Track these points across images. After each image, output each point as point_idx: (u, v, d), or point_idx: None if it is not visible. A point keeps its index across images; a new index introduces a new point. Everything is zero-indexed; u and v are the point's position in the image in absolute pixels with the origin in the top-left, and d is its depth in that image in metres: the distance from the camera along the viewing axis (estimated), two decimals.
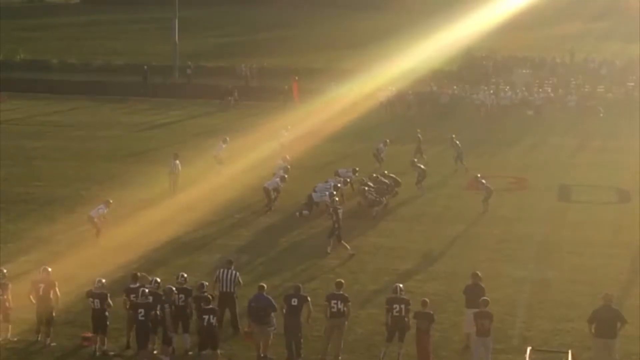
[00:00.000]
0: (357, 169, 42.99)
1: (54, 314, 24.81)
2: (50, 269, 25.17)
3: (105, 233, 33.62)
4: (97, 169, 47.49)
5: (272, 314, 23.64)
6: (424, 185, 42.70)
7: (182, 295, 24.26)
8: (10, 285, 25.17)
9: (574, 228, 37.21)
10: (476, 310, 23.27)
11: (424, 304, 23.58)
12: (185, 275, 25.11)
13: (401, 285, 24.19)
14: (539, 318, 27.20)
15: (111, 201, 34.60)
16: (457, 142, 47.72)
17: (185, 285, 24.53)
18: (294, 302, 23.53)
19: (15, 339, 24.92)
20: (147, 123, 58.48)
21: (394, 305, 23.61)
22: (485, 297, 23.50)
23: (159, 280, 24.77)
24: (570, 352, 23.07)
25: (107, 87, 77.47)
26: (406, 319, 23.61)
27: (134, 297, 24.19)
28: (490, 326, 22.95)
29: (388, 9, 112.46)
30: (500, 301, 27.88)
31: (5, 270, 25.58)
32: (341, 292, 23.88)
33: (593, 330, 22.88)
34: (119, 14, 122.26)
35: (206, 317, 23.06)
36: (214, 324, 23.10)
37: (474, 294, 24.60)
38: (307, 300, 23.68)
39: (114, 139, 56.15)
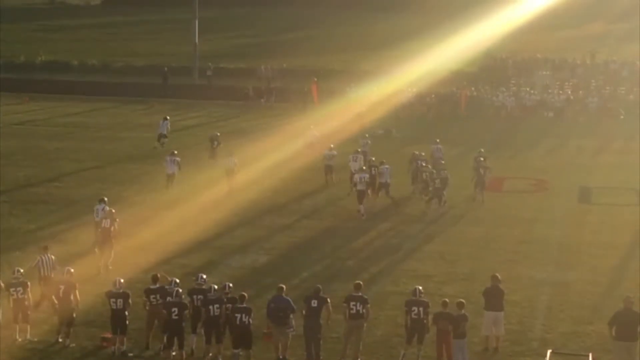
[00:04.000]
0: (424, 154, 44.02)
1: (74, 315, 24.90)
2: (72, 270, 25.27)
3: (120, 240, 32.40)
4: (118, 170, 47.63)
5: (292, 316, 23.63)
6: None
7: (200, 296, 24.22)
8: (29, 284, 25.28)
9: (594, 230, 37.06)
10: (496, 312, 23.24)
11: (445, 304, 23.53)
12: (205, 276, 25.14)
13: (420, 288, 24.15)
14: (559, 320, 27.09)
15: (105, 198, 34.23)
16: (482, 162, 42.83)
17: (204, 287, 24.55)
18: (314, 303, 23.52)
19: (36, 339, 25.01)
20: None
21: (413, 308, 23.58)
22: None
23: (177, 280, 24.83)
24: (590, 355, 23.02)
25: (127, 88, 77.71)
26: (425, 321, 23.58)
27: (153, 298, 24.27)
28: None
29: (408, 10, 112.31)
30: (519, 303, 27.86)
31: (22, 270, 25.66)
32: (360, 294, 23.86)
33: (614, 333, 22.76)
34: (139, 15, 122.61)
35: (239, 315, 23.12)
36: (246, 322, 23.15)
37: (493, 296, 24.57)
38: (327, 302, 23.65)
39: (135, 140, 56.27)
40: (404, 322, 23.87)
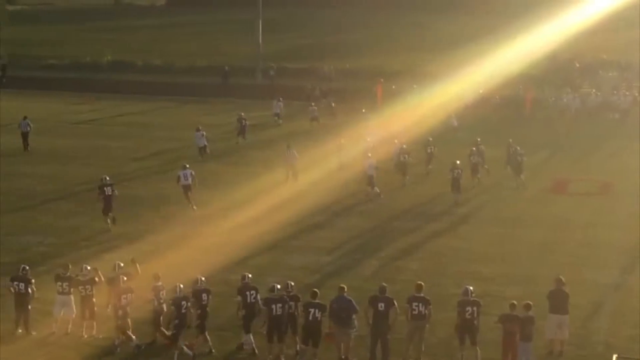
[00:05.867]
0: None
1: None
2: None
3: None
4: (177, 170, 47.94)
5: (354, 316, 23.62)
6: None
7: (253, 292, 24.56)
8: (97, 280, 25.55)
9: None
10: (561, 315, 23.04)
11: (513, 306, 23.38)
12: (250, 275, 25.34)
13: (471, 288, 24.05)
14: (623, 324, 26.79)
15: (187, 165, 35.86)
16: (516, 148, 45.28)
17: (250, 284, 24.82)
18: (381, 307, 23.46)
19: (101, 336, 25.27)
20: (229, 124, 58.74)
21: (467, 308, 23.51)
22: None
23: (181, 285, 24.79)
24: None
25: (190, 88, 78.26)
26: (476, 322, 23.46)
27: (206, 297, 24.61)
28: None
29: (473, 12, 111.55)
30: (583, 307, 27.59)
31: (89, 267, 26.00)
32: (422, 295, 23.81)
33: None
34: (202, 15, 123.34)
35: (312, 310, 23.29)
36: (318, 318, 23.25)
37: (558, 299, 24.36)
38: (394, 304, 23.60)
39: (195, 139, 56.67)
40: (456, 323, 23.79)
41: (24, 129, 53.29)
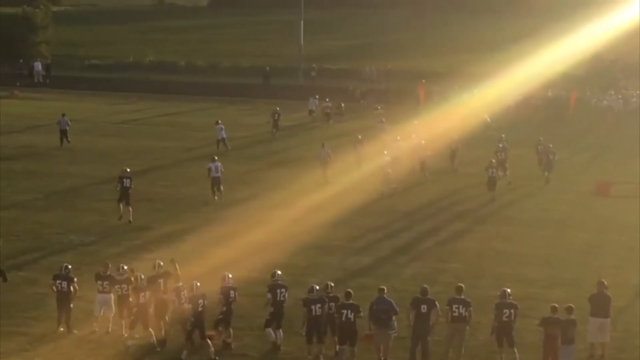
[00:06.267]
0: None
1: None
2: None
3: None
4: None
5: (393, 317, 23.56)
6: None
7: (283, 290, 24.77)
8: (132, 280, 25.50)
9: None
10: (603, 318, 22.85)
11: (554, 309, 23.19)
12: (280, 272, 25.39)
13: (509, 290, 23.88)
14: None
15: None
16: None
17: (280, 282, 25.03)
18: (424, 309, 23.38)
19: (137, 336, 25.25)
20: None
21: (504, 310, 23.37)
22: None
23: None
24: None
25: (232, 88, 78.51)
26: (513, 324, 23.35)
27: (233, 294, 24.81)
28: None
29: (516, 14, 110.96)
30: (625, 310, 27.29)
31: (125, 267, 26.03)
32: (462, 297, 23.70)
33: None
34: (244, 16, 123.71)
35: (345, 311, 23.28)
36: (352, 319, 23.25)
37: (599, 302, 24.15)
38: (436, 306, 23.51)
39: (238, 140, 56.81)
40: (493, 325, 23.64)
41: (62, 127, 54.05)
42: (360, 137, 49.36)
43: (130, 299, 25.12)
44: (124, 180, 38.17)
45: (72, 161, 49.83)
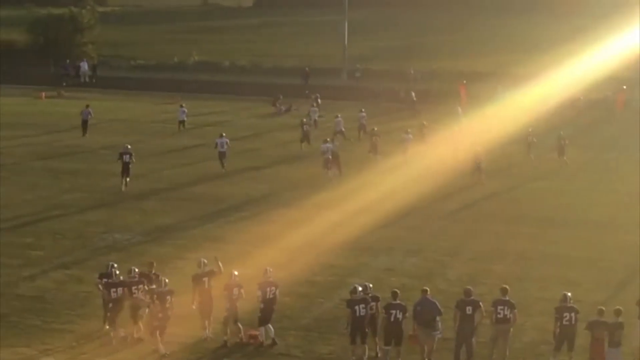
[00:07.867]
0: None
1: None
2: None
3: None
4: (265, 170, 48.20)
5: (438, 318, 23.49)
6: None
7: (273, 288, 24.85)
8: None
9: None
10: None
11: (601, 312, 23.02)
12: (271, 269, 25.27)
13: (569, 294, 23.70)
14: None
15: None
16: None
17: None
18: (469, 310, 23.29)
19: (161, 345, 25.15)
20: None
21: (565, 314, 23.19)
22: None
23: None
24: None
25: (274, 88, 78.45)
26: (575, 328, 23.13)
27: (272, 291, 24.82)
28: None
29: (560, 14, 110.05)
30: None
31: (137, 269, 25.79)
32: (507, 298, 23.58)
33: None
34: (288, 16, 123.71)
35: (394, 312, 23.34)
36: (400, 319, 23.28)
37: None
38: (480, 307, 23.44)
39: (279, 140, 56.89)
40: (553, 329, 23.44)
41: (84, 117, 56.70)
42: (425, 123, 52.54)
43: (153, 305, 24.60)
44: (124, 155, 42.58)
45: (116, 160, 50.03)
